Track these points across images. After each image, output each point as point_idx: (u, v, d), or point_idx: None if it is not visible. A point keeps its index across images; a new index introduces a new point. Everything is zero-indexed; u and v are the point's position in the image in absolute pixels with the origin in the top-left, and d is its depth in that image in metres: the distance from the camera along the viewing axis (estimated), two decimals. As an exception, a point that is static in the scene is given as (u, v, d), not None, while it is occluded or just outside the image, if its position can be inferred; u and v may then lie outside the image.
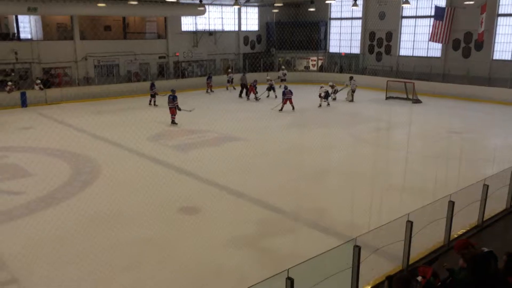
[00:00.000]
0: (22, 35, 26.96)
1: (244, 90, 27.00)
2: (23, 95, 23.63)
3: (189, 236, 9.09)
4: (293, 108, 22.53)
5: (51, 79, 26.11)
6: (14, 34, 26.82)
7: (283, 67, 33.34)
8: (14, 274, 7.66)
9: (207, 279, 7.58)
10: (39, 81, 24.79)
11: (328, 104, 24.13)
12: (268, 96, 26.30)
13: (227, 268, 7.91)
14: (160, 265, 7.94)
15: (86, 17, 28.09)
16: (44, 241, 8.76)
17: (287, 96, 22.56)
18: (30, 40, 26.71)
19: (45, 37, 27.28)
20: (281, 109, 22.49)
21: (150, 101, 24.21)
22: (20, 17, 26.65)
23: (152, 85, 24.38)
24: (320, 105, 23.89)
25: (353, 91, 25.88)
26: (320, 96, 23.95)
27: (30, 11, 23.41)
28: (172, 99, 19.49)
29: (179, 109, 19.55)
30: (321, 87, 24.17)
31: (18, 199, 10.95)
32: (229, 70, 30.81)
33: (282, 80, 30.15)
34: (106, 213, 10.14)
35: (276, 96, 25.50)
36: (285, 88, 23.20)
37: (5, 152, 15.17)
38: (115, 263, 8.04)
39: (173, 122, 19.50)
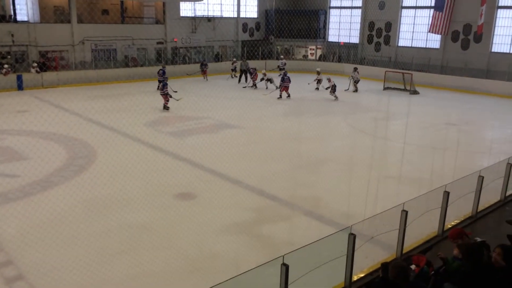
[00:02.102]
0: (19, 17, 26.64)
1: (249, 76, 26.97)
2: (19, 78, 23.45)
3: (184, 222, 9.11)
4: (289, 95, 22.45)
5: (47, 62, 25.90)
6: (10, 16, 26.48)
7: (281, 56, 33.10)
8: (10, 255, 7.67)
9: (202, 264, 7.62)
10: (35, 64, 24.58)
11: (336, 98, 22.89)
12: (266, 88, 25.79)
13: (222, 254, 7.95)
14: (155, 250, 7.96)
15: (84, 0, 27.77)
16: (39, 224, 8.76)
17: (285, 84, 22.48)
18: (27, 22, 26.41)
19: (42, 19, 26.96)
20: (280, 97, 22.42)
21: (158, 86, 23.98)
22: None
23: (163, 72, 24.06)
24: (336, 98, 22.80)
25: (356, 82, 25.77)
26: (327, 88, 23.21)
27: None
28: (162, 86, 19.40)
29: (170, 96, 19.51)
30: (329, 81, 23.13)
31: (13, 182, 10.93)
32: (234, 59, 30.45)
33: (281, 69, 30.02)
34: (102, 198, 10.14)
35: (276, 87, 25.18)
36: (285, 74, 23.01)
37: (0, 135, 15.09)
38: (110, 247, 8.06)
39: (165, 107, 19.47)
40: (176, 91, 22.31)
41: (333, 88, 22.82)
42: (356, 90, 25.63)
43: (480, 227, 8.47)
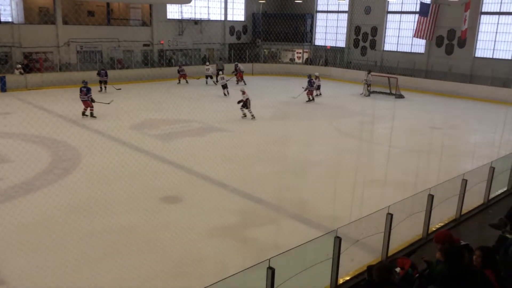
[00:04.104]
0: (3, 18, 26.23)
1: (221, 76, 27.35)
2: (2, 79, 23.07)
3: (170, 225, 9.04)
4: (310, 99, 22.86)
5: (32, 64, 25.54)
6: (-7, 16, 26.14)
7: (236, 63, 30.47)
8: (-9, 261, 7.53)
9: (188, 268, 7.57)
10: (19, 66, 24.23)
11: (245, 115, 19.15)
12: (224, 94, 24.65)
13: (208, 257, 7.91)
14: (140, 254, 7.88)
15: (69, 1, 27.49)
16: (22, 228, 8.62)
17: (311, 88, 22.82)
18: (11, 23, 26.03)
19: (26, 20, 26.62)
20: (309, 100, 22.92)
21: (101, 88, 24.17)
22: (0, 0, 25.95)
23: (105, 73, 24.23)
24: (245, 115, 19.11)
25: (369, 85, 25.95)
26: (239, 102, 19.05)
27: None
28: (86, 92, 17.93)
29: (93, 101, 18.21)
30: (243, 93, 18.98)
31: (-5, 185, 10.73)
32: (207, 63, 29.46)
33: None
34: (86, 201, 10.00)
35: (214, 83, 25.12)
36: (309, 77, 23.15)
37: (-17, 137, 14.83)
38: (95, 251, 7.96)
39: (91, 115, 18.17)
40: (120, 88, 21.97)
41: (245, 104, 18.74)
42: (369, 95, 25.84)
43: (464, 230, 8.57)
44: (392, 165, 13.77)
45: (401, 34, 31.78)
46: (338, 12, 35.31)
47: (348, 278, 6.58)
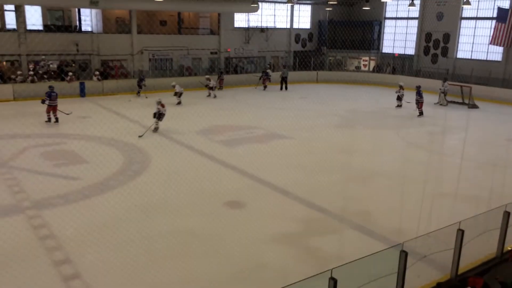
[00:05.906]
0: (83, 28, 28.25)
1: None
2: (82, 85, 24.78)
3: (233, 230, 9.23)
4: (420, 113, 21.75)
5: (109, 71, 27.21)
6: (76, 26, 28.17)
7: (267, 65, 32.37)
8: (69, 255, 8.09)
9: (250, 273, 7.68)
10: (97, 73, 25.91)
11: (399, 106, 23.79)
12: (209, 95, 25.91)
13: (270, 264, 7.97)
14: (202, 257, 8.11)
15: (144, 11, 29.00)
16: (96, 226, 9.19)
17: (421, 100, 22.08)
18: (91, 32, 27.94)
19: (104, 30, 28.44)
20: (420, 114, 21.87)
21: (138, 92, 25.46)
22: (82, 11, 27.96)
23: (142, 78, 25.57)
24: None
25: (445, 94, 25.09)
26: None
27: (92, 4, 24.51)
28: (56, 96, 17.96)
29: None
30: (160, 106, 17.17)
31: (74, 184, 11.52)
32: (207, 76, 28.41)
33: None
34: (155, 202, 10.48)
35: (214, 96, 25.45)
36: (418, 88, 22.37)
37: (64, 139, 15.99)
38: (160, 251, 8.30)
39: (56, 120, 18.12)
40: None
41: (160, 116, 17.15)
42: (447, 104, 24.99)
43: (544, 251, 7.96)
44: (464, 179, 13.10)
45: (476, 41, 30.18)
46: (408, 18, 34.26)
47: (414, 294, 6.37)
